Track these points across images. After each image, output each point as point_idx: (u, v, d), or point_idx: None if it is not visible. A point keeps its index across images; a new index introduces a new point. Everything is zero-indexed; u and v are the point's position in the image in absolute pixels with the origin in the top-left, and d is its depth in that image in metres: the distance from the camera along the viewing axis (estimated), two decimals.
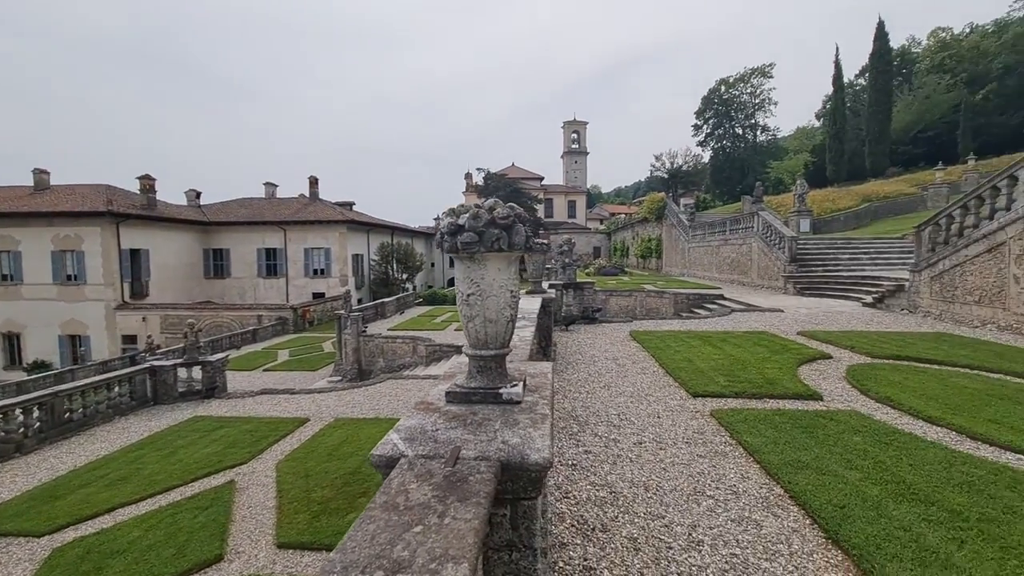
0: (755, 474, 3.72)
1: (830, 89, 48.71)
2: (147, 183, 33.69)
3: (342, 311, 22.99)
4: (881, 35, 44.57)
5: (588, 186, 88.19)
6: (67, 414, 10.86)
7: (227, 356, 14.81)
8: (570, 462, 3.98)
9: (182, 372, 13.57)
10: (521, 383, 2.37)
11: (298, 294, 38.76)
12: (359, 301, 37.94)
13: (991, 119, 45.76)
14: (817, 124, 70.64)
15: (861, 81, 56.70)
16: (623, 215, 69.54)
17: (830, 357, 7.51)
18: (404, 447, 1.74)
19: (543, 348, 7.54)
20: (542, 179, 76.78)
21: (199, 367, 13.55)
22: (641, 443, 4.36)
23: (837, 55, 45.95)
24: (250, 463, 8.88)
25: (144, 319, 30.48)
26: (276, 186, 46.02)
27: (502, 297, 2.24)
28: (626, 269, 40.51)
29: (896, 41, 51.61)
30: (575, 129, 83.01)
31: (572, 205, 78.18)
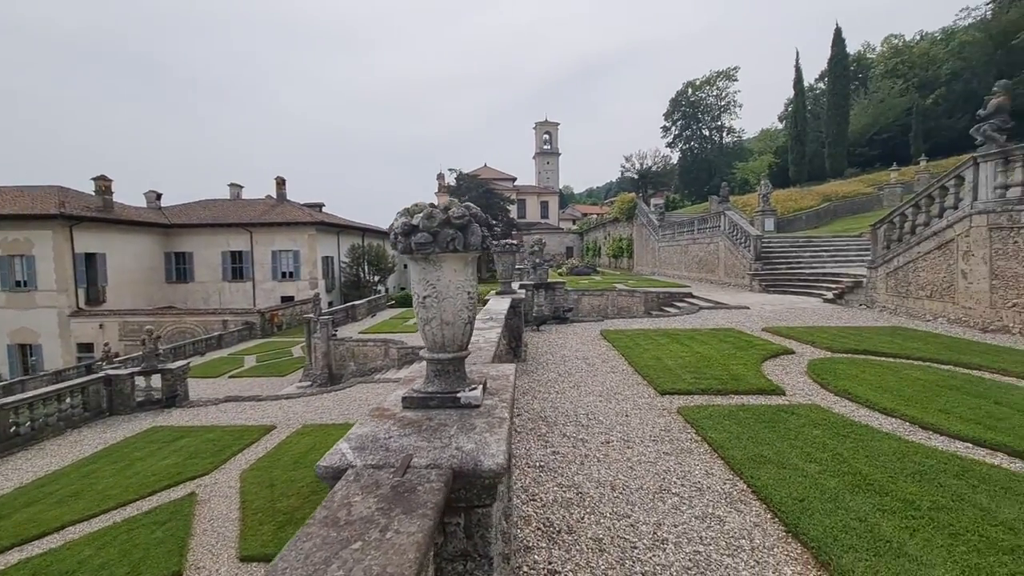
0: (719, 470, 3.76)
1: (792, 92, 50.31)
2: (103, 184, 32.24)
3: (311, 315, 22.49)
4: (838, 41, 46.31)
5: (560, 187, 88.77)
6: (13, 428, 10.26)
7: (188, 363, 14.28)
8: (538, 463, 3.95)
9: (140, 381, 13.01)
10: (480, 386, 2.32)
11: (266, 298, 37.76)
12: (329, 304, 37.24)
13: (940, 122, 48.10)
14: (780, 126, 72.89)
15: (821, 85, 58.72)
16: (595, 215, 70.27)
17: (793, 352, 7.72)
18: (352, 457, 1.67)
19: (513, 348, 7.51)
20: (515, 180, 76.91)
21: (158, 375, 13.01)
22: (609, 442, 4.37)
23: (797, 60, 47.55)
24: (212, 474, 8.57)
25: (101, 326, 29.16)
26: (242, 187, 44.77)
27: (459, 299, 2.18)
28: (598, 268, 40.91)
29: (852, 47, 53.64)
30: (547, 130, 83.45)
31: (545, 206, 78.56)
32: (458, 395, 2.20)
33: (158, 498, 7.87)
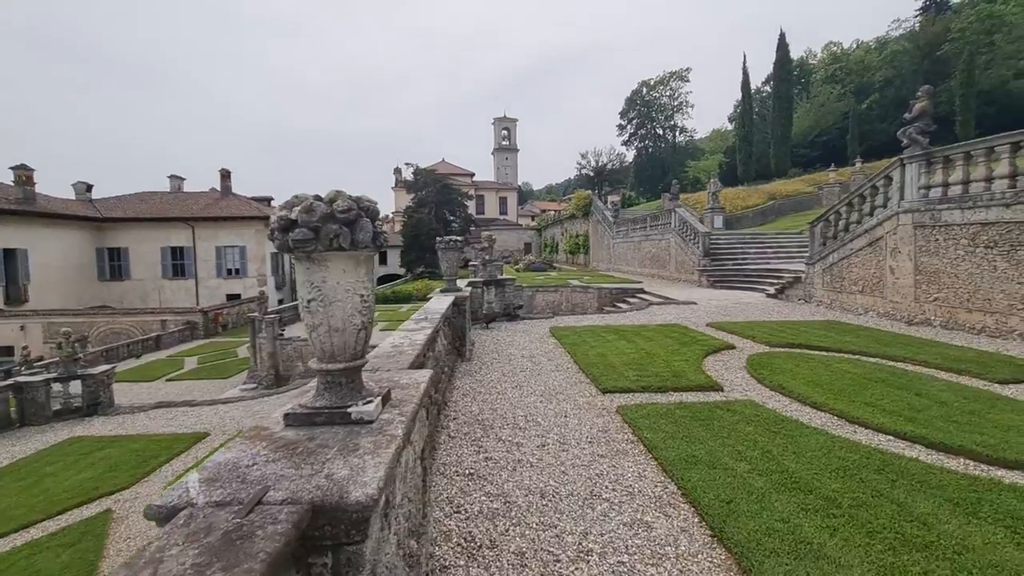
0: (652, 472, 3.68)
1: (740, 95, 52.16)
2: (23, 174, 29.60)
3: (256, 313, 21.42)
4: (783, 45, 48.30)
5: (519, 183, 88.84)
6: None
7: (114, 367, 13.25)
8: (468, 471, 3.75)
9: (57, 387, 11.94)
10: (379, 399, 2.09)
11: (210, 296, 35.91)
12: (280, 302, 35.80)
13: (874, 126, 51.12)
14: (730, 127, 75.62)
15: (767, 88, 61.25)
16: (553, 212, 70.69)
17: (734, 347, 7.86)
18: (196, 492, 1.41)
19: (457, 348, 7.28)
20: (473, 175, 76.31)
21: (78, 381, 11.99)
22: (544, 445, 4.23)
23: (745, 63, 49.29)
24: (133, 488, 7.94)
25: (23, 328, 26.88)
26: (183, 179, 42.32)
27: (349, 302, 1.95)
28: (555, 265, 41.17)
29: (795, 52, 56.14)
30: (505, 126, 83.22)
31: (503, 202, 78.42)
32: (349, 410, 1.96)
33: (68, 517, 7.20)
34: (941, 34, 51.65)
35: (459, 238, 8.00)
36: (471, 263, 18.27)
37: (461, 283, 9.47)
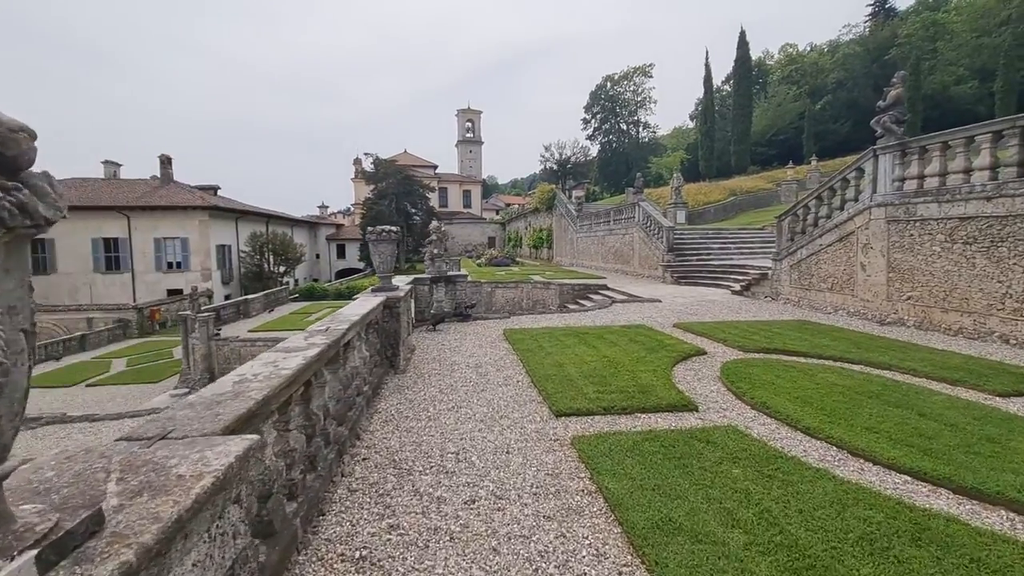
0: (615, 547, 2.68)
1: (702, 92, 52.49)
2: None
3: (187, 311, 19.44)
4: (743, 43, 48.79)
5: (484, 176, 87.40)
6: None
7: None
8: (359, 553, 2.65)
9: None
10: (32, 554, 0.97)
11: (149, 291, 33.20)
12: (227, 297, 33.40)
13: (828, 126, 52.51)
14: (691, 124, 76.54)
15: (726, 88, 62.07)
16: (518, 206, 69.74)
17: (705, 353, 7.03)
18: None
19: (389, 358, 6.13)
20: (436, 167, 74.31)
21: None
22: (474, 501, 3.17)
23: (707, 58, 49.50)
24: None
25: None
26: (120, 165, 39.07)
27: None
28: (518, 259, 40.21)
29: (753, 53, 56.97)
30: (469, 118, 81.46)
31: (467, 195, 76.83)
32: None
33: None
34: (889, 39, 53.49)
35: (393, 228, 6.78)
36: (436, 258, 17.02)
37: (401, 280, 8.29)
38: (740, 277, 14.73)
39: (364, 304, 5.41)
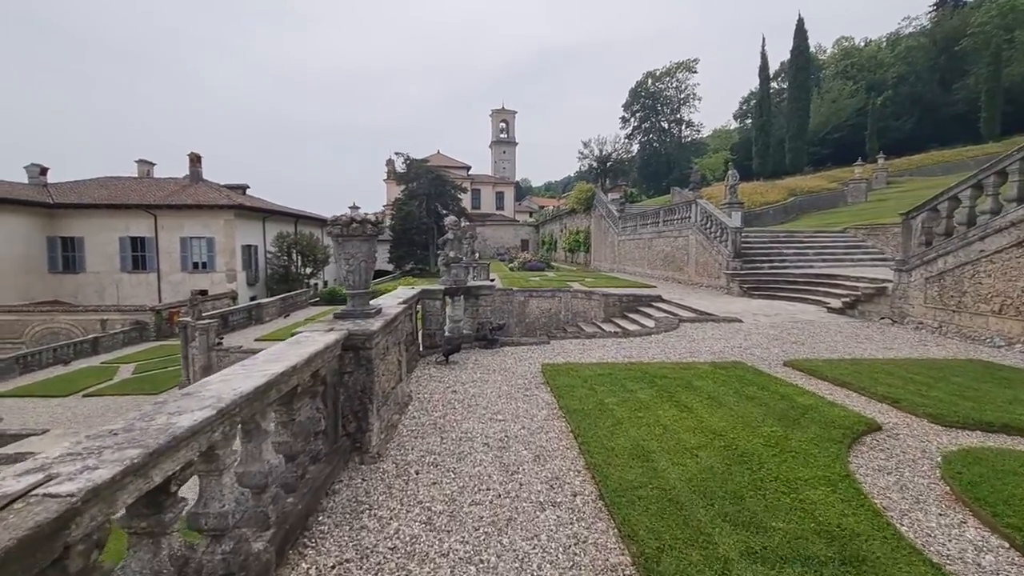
0: None
1: (746, 92, 48.98)
2: None
3: (187, 318, 17.69)
4: (800, 32, 44.81)
5: (517, 178, 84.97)
6: None
7: None
8: None
9: None
10: None
11: (174, 292, 31.99)
12: (252, 299, 31.95)
13: (888, 123, 48.00)
14: (735, 125, 72.07)
15: (774, 85, 57.78)
16: (552, 207, 67.01)
17: (878, 427, 4.28)
18: None
19: (351, 434, 3.63)
20: (469, 168, 72.43)
21: None
22: None
23: (763, 46, 45.68)
24: None
25: None
26: (153, 165, 38.60)
27: None
28: (552, 264, 37.51)
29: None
30: (503, 118, 79.29)
31: (500, 196, 74.60)
32: None
33: None
34: (959, 29, 48.39)
35: (371, 220, 4.15)
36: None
37: (402, 295, 5.84)
38: (836, 290, 11.70)
39: (303, 347, 2.85)
